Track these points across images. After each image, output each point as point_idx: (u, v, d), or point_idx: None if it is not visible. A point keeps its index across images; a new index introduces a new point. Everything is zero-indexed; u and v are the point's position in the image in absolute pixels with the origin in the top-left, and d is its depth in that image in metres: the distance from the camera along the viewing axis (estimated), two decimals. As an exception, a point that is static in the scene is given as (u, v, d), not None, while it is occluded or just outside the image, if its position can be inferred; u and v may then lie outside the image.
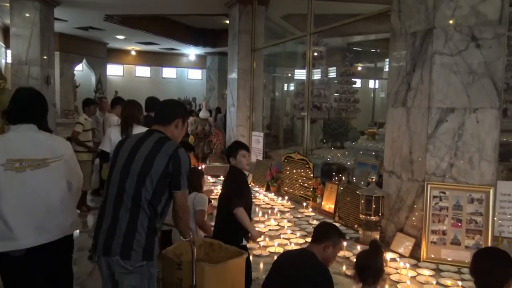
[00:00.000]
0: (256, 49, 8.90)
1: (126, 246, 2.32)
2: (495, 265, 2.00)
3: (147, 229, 2.36)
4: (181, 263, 2.72)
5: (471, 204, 4.04)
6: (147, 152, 2.40)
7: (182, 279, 2.69)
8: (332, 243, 2.65)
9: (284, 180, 6.96)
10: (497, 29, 3.91)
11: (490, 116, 3.97)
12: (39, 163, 2.72)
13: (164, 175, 2.36)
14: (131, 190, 2.39)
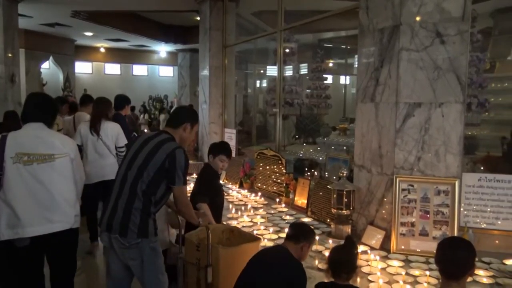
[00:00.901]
0: (227, 45, 8.87)
1: (123, 225, 2.71)
2: (459, 254, 2.07)
3: (141, 212, 2.71)
4: (199, 245, 3.08)
5: (437, 196, 4.16)
6: (150, 149, 2.76)
7: (200, 259, 3.05)
8: (308, 244, 2.75)
9: (257, 177, 6.98)
10: (460, 26, 4.03)
11: (454, 110, 4.09)
12: (45, 158, 3.00)
13: (159, 170, 2.71)
14: (131, 179, 2.76)
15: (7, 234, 2.98)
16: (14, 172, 2.94)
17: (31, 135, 3.07)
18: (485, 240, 4.30)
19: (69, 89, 18.08)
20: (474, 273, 3.72)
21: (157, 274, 2.89)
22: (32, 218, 2.98)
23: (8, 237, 2.97)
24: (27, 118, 3.15)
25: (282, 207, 5.90)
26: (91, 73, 21.81)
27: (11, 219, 2.95)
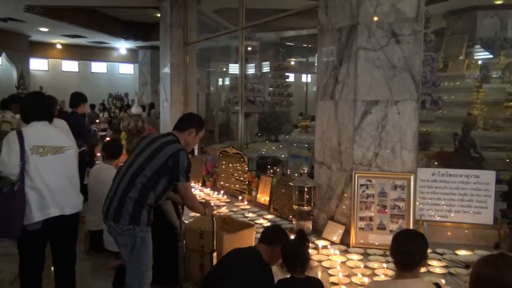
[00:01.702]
0: (188, 43, 8.79)
1: (118, 212, 2.93)
2: (412, 245, 2.16)
3: (135, 202, 2.91)
4: (202, 232, 3.38)
5: (394, 191, 4.31)
6: (155, 148, 3.00)
7: (203, 245, 3.34)
8: (280, 247, 2.75)
9: (220, 175, 6.97)
10: (414, 26, 4.17)
11: (409, 107, 4.24)
12: (57, 150, 3.40)
13: (161, 167, 2.93)
14: (131, 172, 2.99)
15: (39, 215, 3.33)
16: (35, 161, 3.28)
17: (41, 130, 3.44)
18: (438, 232, 4.49)
19: (23, 87, 17.34)
20: (428, 263, 3.89)
21: (141, 267, 3.02)
22: (55, 201, 3.37)
23: (40, 218, 3.32)
24: (31, 118, 3.47)
25: (244, 205, 5.93)
26: (47, 70, 21.05)
27: (40, 202, 3.31)
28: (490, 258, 1.61)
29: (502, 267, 1.49)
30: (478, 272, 1.55)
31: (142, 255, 3.01)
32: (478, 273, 1.54)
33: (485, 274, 1.52)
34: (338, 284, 3.35)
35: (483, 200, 4.44)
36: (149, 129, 9.06)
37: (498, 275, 1.49)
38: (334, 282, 3.40)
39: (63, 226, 3.49)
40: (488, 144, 6.56)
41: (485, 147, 6.32)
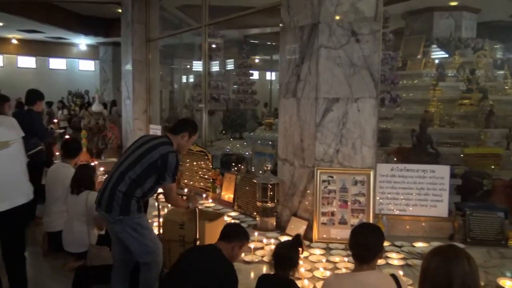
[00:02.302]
0: (151, 39, 8.65)
1: (109, 203, 3.07)
2: (369, 239, 2.23)
3: (123, 195, 3.05)
4: (183, 223, 3.53)
5: (355, 186, 4.41)
6: (148, 147, 3.14)
7: (184, 235, 3.51)
8: (240, 244, 2.80)
9: (184, 173, 6.92)
10: (373, 26, 4.28)
11: (369, 105, 4.35)
12: (3, 145, 3.38)
13: (151, 166, 3.06)
14: (123, 168, 3.11)
15: None
16: None
17: None
18: (397, 225, 4.64)
19: (-24, 84, 16.57)
20: (387, 256, 4.02)
21: (145, 241, 3.14)
22: (4, 195, 3.35)
23: None
24: None
25: (209, 203, 5.91)
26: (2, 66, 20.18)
27: None
28: (439, 249, 1.68)
29: (450, 258, 1.56)
30: (427, 262, 1.62)
31: (143, 233, 3.14)
32: (428, 263, 1.61)
33: (434, 264, 1.59)
34: (301, 279, 3.40)
35: (438, 194, 4.62)
36: (111, 127, 8.87)
37: (446, 265, 1.55)
38: (297, 277, 3.45)
39: (13, 216, 3.46)
40: (443, 140, 6.83)
41: (441, 143, 6.58)
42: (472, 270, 1.52)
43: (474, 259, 1.54)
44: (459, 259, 1.54)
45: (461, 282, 1.49)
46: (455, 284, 1.49)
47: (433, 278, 1.56)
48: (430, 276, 1.57)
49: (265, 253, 3.99)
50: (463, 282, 1.49)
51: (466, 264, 1.53)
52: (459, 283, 1.49)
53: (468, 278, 1.49)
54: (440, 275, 1.53)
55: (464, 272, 1.51)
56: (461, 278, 1.49)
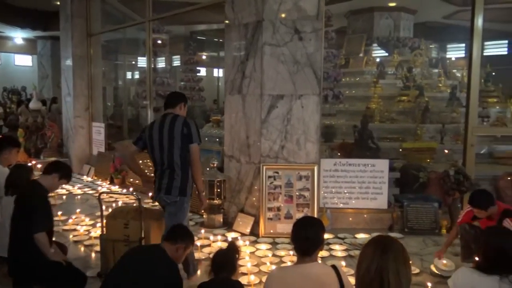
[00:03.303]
0: (92, 34, 8.32)
1: (168, 187, 3.35)
2: (310, 231, 2.29)
3: (181, 176, 3.36)
4: (128, 222, 3.50)
5: (300, 181, 4.51)
6: (168, 126, 3.38)
7: (129, 235, 3.47)
8: (184, 246, 2.77)
9: (129, 172, 6.75)
10: (315, 24, 4.39)
11: (312, 102, 4.46)
12: None
13: (182, 134, 3.35)
14: (166, 152, 3.36)
15: None
16: None
17: None
18: (341, 218, 4.80)
19: None
20: (331, 248, 4.16)
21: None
22: None
23: None
24: None
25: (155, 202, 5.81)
26: None
27: None
28: (374, 238, 1.78)
29: (383, 247, 1.67)
30: (363, 251, 1.71)
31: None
32: (364, 252, 1.71)
33: (369, 253, 1.69)
34: (247, 274, 3.43)
35: (378, 187, 4.83)
36: (50, 125, 8.47)
37: (379, 254, 1.66)
38: (243, 272, 3.48)
39: None
40: (383, 135, 7.12)
41: (381, 138, 6.85)
42: (406, 260, 1.65)
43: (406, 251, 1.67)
44: (393, 249, 1.66)
45: (396, 270, 1.61)
46: (389, 271, 1.61)
47: (367, 266, 1.67)
48: (366, 264, 1.68)
49: (212, 250, 3.99)
50: (398, 271, 1.61)
51: (400, 254, 1.65)
52: (394, 271, 1.61)
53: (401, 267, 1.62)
54: (375, 263, 1.64)
55: (397, 261, 1.63)
56: (395, 267, 1.61)
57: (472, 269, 2.30)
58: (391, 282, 1.58)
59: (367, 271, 1.64)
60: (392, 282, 1.58)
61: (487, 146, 6.85)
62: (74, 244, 4.34)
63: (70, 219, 5.01)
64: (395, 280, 1.59)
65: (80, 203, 5.90)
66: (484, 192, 3.71)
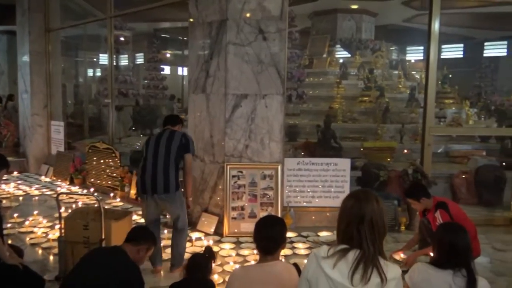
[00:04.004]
0: (51, 29, 8.04)
1: (166, 185, 3.60)
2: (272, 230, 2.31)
3: (174, 176, 3.63)
4: (88, 223, 3.48)
5: (263, 180, 4.54)
6: (166, 138, 3.70)
7: (89, 236, 3.44)
8: (146, 247, 2.74)
9: (90, 171, 6.59)
10: (279, 24, 4.42)
11: (276, 101, 4.49)
12: None
13: (180, 145, 3.68)
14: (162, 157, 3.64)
15: None
16: None
17: None
18: (304, 217, 4.86)
19: None
20: (294, 246, 4.20)
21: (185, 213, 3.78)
22: None
23: None
24: None
25: (117, 202, 5.71)
26: None
27: None
28: (354, 192, 1.91)
29: (362, 199, 1.78)
30: (344, 204, 1.82)
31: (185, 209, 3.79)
32: (344, 205, 1.81)
33: (349, 204, 1.79)
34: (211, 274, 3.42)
35: (340, 185, 4.92)
36: (6, 124, 8.14)
37: (358, 204, 1.76)
38: (206, 272, 3.46)
39: None
40: (346, 134, 7.28)
41: (343, 138, 7.00)
42: (380, 209, 1.77)
43: (382, 201, 1.81)
44: (369, 200, 1.78)
45: (370, 218, 1.73)
46: (365, 219, 1.73)
47: (348, 216, 1.77)
48: (346, 214, 1.78)
49: (175, 250, 3.94)
50: (372, 218, 1.73)
51: (375, 204, 1.76)
52: (368, 219, 1.73)
53: (376, 215, 1.74)
54: (354, 213, 1.75)
55: (373, 210, 1.74)
56: (370, 215, 1.73)
57: (427, 264, 2.38)
58: (367, 233, 1.71)
59: (348, 219, 1.76)
60: (369, 233, 1.71)
61: (444, 146, 7.12)
62: (31, 247, 4.19)
63: (27, 221, 4.83)
64: (371, 231, 1.72)
65: (38, 204, 5.70)
66: (417, 184, 4.05)
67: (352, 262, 1.70)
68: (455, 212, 3.51)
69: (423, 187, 3.87)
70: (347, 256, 1.71)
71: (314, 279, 1.76)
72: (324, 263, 1.74)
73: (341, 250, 1.74)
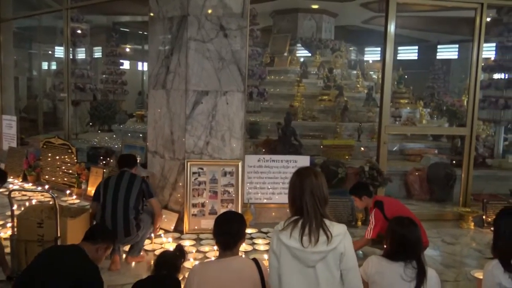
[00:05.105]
0: (2, 19, 7.70)
1: (127, 230, 3.64)
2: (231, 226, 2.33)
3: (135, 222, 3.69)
4: (42, 221, 3.41)
5: (224, 177, 4.55)
6: (128, 182, 3.77)
7: (43, 234, 3.36)
8: (105, 246, 2.71)
9: (44, 168, 6.36)
10: (240, 22, 4.44)
11: (237, 98, 4.51)
12: None
13: (140, 191, 3.77)
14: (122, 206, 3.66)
15: None
16: None
17: None
18: (264, 213, 4.91)
19: None
20: (254, 242, 4.25)
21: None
22: None
23: None
24: None
25: (73, 199, 5.56)
26: None
27: None
28: (297, 170, 2.18)
29: (303, 174, 2.09)
30: (290, 181, 2.14)
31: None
32: (290, 181, 2.14)
33: (293, 180, 2.12)
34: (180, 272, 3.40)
35: (300, 182, 4.99)
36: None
37: (300, 180, 2.07)
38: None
39: None
40: (305, 132, 7.38)
41: (303, 135, 7.10)
42: (319, 183, 2.06)
43: (322, 176, 2.12)
44: (308, 175, 2.08)
45: (310, 190, 2.03)
46: (305, 191, 2.04)
47: (293, 190, 2.10)
48: (291, 189, 2.11)
49: (133, 248, 3.89)
50: (312, 190, 2.03)
51: (314, 178, 2.06)
52: (309, 191, 2.03)
53: (314, 187, 2.04)
54: (297, 186, 2.08)
55: (311, 183, 2.05)
56: (310, 187, 2.04)
57: (380, 257, 2.48)
58: (308, 202, 2.02)
59: (293, 197, 2.09)
60: (310, 201, 2.02)
61: (398, 144, 7.38)
62: (-20, 246, 4.00)
63: (-24, 220, 4.61)
64: (312, 200, 2.03)
65: (-12, 202, 5.45)
66: (361, 183, 4.37)
67: (301, 228, 2.00)
68: (390, 211, 3.63)
69: (367, 186, 4.08)
70: (298, 224, 2.02)
71: (278, 250, 2.06)
72: (282, 235, 2.04)
73: (292, 221, 2.04)
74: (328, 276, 1.99)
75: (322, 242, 1.97)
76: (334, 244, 1.98)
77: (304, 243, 1.97)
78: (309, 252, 1.97)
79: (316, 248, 1.96)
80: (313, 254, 1.97)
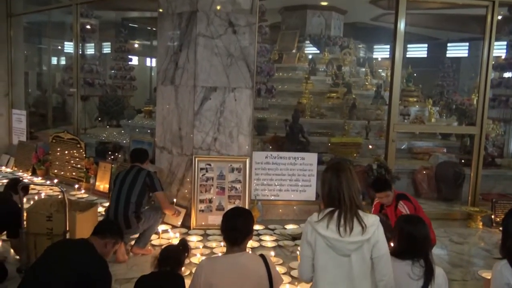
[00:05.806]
0: (13, 14, 7.74)
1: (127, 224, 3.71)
2: (239, 222, 2.34)
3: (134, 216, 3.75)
4: (51, 215, 3.44)
5: (232, 173, 4.56)
6: (132, 177, 3.85)
7: (52, 228, 3.40)
8: (113, 241, 2.72)
9: (53, 162, 6.42)
10: (249, 18, 4.43)
11: (245, 95, 4.51)
12: None
13: (144, 185, 3.82)
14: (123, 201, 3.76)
15: None
16: None
17: None
18: (271, 210, 4.92)
19: None
20: (261, 238, 4.26)
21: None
22: None
23: None
24: None
25: (81, 193, 5.60)
26: None
27: None
28: (331, 164, 2.32)
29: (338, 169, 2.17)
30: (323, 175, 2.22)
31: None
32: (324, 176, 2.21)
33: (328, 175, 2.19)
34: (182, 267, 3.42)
35: (307, 179, 5.01)
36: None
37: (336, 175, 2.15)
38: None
39: None
40: (313, 129, 7.37)
41: (311, 133, 7.09)
42: (353, 176, 2.17)
43: (354, 169, 2.26)
44: (344, 169, 2.17)
45: (346, 183, 2.13)
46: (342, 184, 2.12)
47: (329, 182, 2.17)
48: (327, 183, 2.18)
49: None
50: (348, 183, 2.13)
51: (349, 172, 2.16)
52: (345, 183, 2.12)
53: (350, 180, 2.15)
54: (334, 179, 2.15)
55: (347, 176, 2.14)
56: (346, 180, 2.13)
57: (388, 255, 2.47)
58: (345, 194, 2.11)
59: (329, 190, 2.16)
60: (346, 194, 2.11)
61: (407, 142, 7.34)
62: (-10, 239, 4.06)
63: (-14, 213, 4.66)
64: (348, 192, 2.11)
65: (-3, 195, 5.51)
66: (381, 179, 4.25)
67: (337, 219, 2.08)
68: (416, 202, 3.65)
69: (386, 180, 3.97)
70: (334, 216, 2.10)
71: (312, 240, 2.13)
72: (317, 226, 2.11)
73: (328, 213, 2.13)
74: (362, 264, 2.08)
75: (357, 232, 2.06)
76: (369, 234, 2.06)
77: (341, 233, 2.06)
78: (346, 242, 2.06)
79: (352, 238, 2.05)
80: (349, 244, 2.06)
